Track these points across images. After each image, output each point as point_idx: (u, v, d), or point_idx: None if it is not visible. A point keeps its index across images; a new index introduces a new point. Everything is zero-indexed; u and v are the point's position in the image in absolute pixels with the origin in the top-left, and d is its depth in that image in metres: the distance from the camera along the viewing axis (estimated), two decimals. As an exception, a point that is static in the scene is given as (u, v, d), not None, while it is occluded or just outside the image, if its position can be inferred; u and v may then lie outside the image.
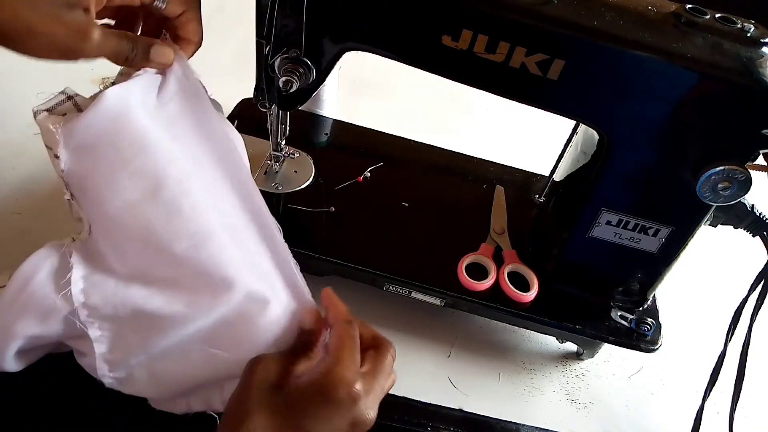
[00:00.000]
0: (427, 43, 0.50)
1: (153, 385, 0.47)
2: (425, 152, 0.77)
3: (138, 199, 0.44)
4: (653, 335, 0.60)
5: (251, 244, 0.48)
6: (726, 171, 0.48)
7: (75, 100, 0.46)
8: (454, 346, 0.65)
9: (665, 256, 0.57)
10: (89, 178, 0.44)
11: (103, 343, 0.46)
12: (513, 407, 0.61)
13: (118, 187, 0.44)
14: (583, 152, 0.60)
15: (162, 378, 0.47)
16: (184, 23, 0.47)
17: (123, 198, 0.44)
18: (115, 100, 0.43)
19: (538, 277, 0.62)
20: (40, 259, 0.46)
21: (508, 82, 0.50)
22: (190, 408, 0.49)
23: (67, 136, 0.43)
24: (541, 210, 0.71)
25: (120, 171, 0.44)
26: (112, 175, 0.44)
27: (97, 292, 0.45)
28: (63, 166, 0.44)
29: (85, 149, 0.44)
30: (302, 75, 0.53)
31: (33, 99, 0.46)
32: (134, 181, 0.44)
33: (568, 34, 0.47)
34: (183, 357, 0.46)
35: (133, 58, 0.44)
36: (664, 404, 0.65)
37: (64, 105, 0.45)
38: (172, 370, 0.46)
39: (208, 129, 0.48)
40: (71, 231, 0.47)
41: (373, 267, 0.61)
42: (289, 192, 0.67)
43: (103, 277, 0.45)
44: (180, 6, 0.46)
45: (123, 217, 0.44)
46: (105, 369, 0.46)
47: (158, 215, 0.44)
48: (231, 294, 0.44)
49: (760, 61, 0.47)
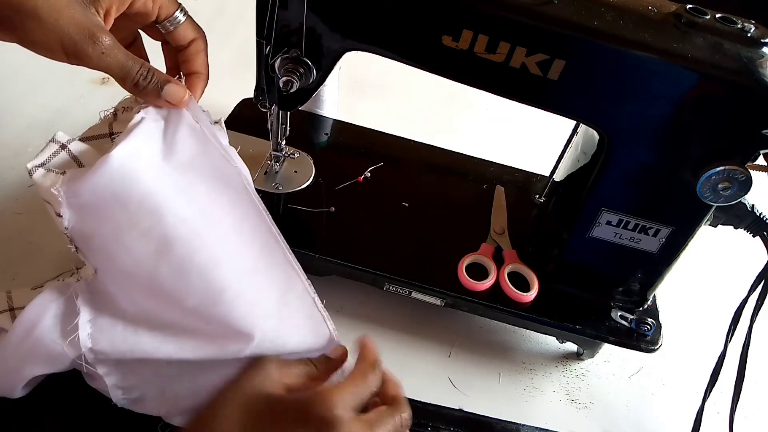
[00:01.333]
0: (427, 43, 0.50)
1: (165, 404, 0.47)
2: (425, 152, 0.77)
3: (145, 258, 0.43)
4: (653, 335, 0.60)
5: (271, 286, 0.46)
6: (726, 171, 0.48)
7: (69, 149, 0.44)
8: (455, 346, 0.65)
9: (665, 257, 0.57)
10: (95, 237, 0.43)
11: (114, 376, 0.46)
12: (513, 407, 0.61)
13: (126, 247, 0.42)
14: (584, 152, 0.60)
15: (174, 397, 0.47)
16: (194, 54, 0.46)
17: (131, 256, 0.43)
18: (121, 162, 0.41)
19: (539, 277, 0.62)
20: (45, 303, 0.45)
21: (509, 83, 0.50)
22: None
23: (69, 197, 0.41)
24: (542, 210, 0.71)
25: (128, 232, 0.42)
26: (119, 236, 0.42)
27: (104, 337, 0.44)
28: (66, 224, 0.42)
29: (90, 209, 0.42)
30: (303, 75, 0.53)
31: (33, 99, 0.46)
32: (142, 242, 0.42)
33: (568, 35, 0.47)
34: (195, 378, 0.46)
35: (144, 86, 0.42)
36: (664, 404, 0.65)
37: (58, 156, 0.43)
38: (184, 389, 0.46)
39: (221, 172, 0.46)
40: (74, 258, 0.46)
41: (373, 267, 0.61)
42: (289, 192, 0.67)
43: (111, 321, 0.45)
44: (192, 32, 0.46)
45: (131, 272, 0.43)
46: (119, 394, 0.47)
47: (167, 273, 0.43)
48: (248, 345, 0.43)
49: (761, 61, 0.47)
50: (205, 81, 0.48)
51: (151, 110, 0.44)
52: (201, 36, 0.47)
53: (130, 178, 0.41)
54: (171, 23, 0.44)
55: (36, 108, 0.80)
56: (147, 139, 0.43)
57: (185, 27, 0.45)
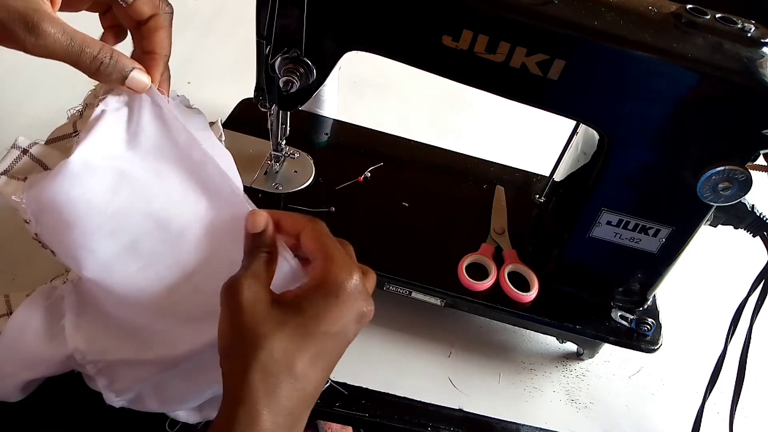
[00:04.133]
0: (427, 43, 0.50)
1: (163, 400, 0.47)
2: (425, 152, 0.77)
3: (114, 259, 0.42)
4: (653, 335, 0.60)
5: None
6: (726, 171, 0.48)
7: (31, 153, 0.43)
8: (455, 346, 0.65)
9: (665, 257, 0.57)
10: (62, 241, 0.42)
11: (104, 376, 0.46)
12: (513, 407, 0.61)
13: (93, 250, 0.42)
14: (584, 152, 0.60)
15: (171, 392, 0.47)
16: (152, 30, 0.42)
17: (100, 259, 0.42)
18: (81, 165, 0.40)
19: (539, 277, 0.62)
20: (32, 307, 0.45)
21: (509, 83, 0.50)
22: (203, 417, 0.49)
23: (31, 204, 0.41)
24: (542, 210, 0.71)
25: (94, 235, 0.41)
26: (85, 240, 0.41)
27: (90, 337, 0.44)
28: (35, 230, 0.42)
29: (53, 215, 0.41)
30: (303, 75, 0.53)
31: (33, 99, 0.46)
32: (109, 244, 0.42)
33: (568, 35, 0.47)
34: (188, 371, 0.46)
35: (108, 73, 0.39)
36: (664, 404, 0.65)
37: (21, 162, 0.42)
38: (179, 382, 0.46)
39: (187, 153, 0.44)
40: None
41: (373, 267, 0.60)
42: (289, 192, 0.66)
43: (96, 321, 0.45)
44: (150, 7, 0.42)
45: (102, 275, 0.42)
46: (112, 396, 0.46)
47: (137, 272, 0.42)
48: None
49: (761, 61, 0.47)
50: (164, 62, 0.44)
51: (110, 100, 0.42)
52: (163, 12, 0.42)
53: (90, 181, 0.41)
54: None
55: (36, 108, 0.80)
56: (109, 133, 0.42)
57: (142, 1, 0.41)
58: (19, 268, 0.61)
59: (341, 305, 0.38)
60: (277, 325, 0.37)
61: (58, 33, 0.36)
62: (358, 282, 0.39)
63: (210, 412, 0.49)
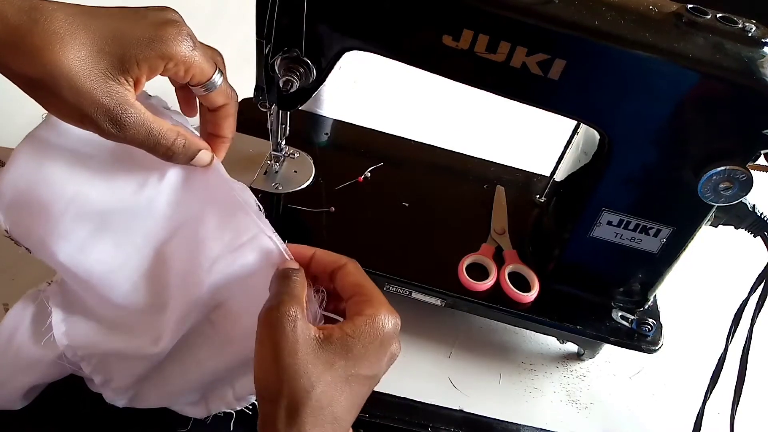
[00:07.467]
0: (427, 43, 0.49)
1: (163, 394, 0.47)
2: (425, 152, 0.77)
3: (84, 243, 0.42)
4: (654, 336, 0.60)
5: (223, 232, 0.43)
6: (727, 171, 0.48)
7: None
8: (455, 347, 0.65)
9: (666, 257, 0.57)
10: (32, 233, 0.42)
11: (100, 374, 0.46)
12: (513, 408, 0.61)
13: (63, 236, 0.41)
14: (584, 152, 0.60)
15: (170, 385, 0.47)
16: (223, 119, 0.44)
17: (71, 245, 0.42)
18: (31, 150, 0.41)
19: (539, 278, 0.62)
20: (20, 311, 0.45)
21: (509, 82, 0.50)
22: (209, 411, 0.49)
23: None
24: (542, 210, 0.71)
25: (60, 220, 0.41)
26: (53, 227, 0.41)
27: (79, 333, 0.44)
28: (5, 226, 0.41)
29: (19, 206, 0.41)
30: (302, 75, 0.53)
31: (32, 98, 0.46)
32: (77, 227, 0.41)
33: (569, 34, 0.47)
34: (182, 361, 0.46)
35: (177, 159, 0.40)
36: (665, 405, 0.65)
37: None
38: (175, 374, 0.46)
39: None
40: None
41: (373, 267, 0.60)
42: (289, 192, 0.66)
43: (84, 317, 0.45)
44: (224, 98, 0.43)
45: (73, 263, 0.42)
46: (112, 395, 0.47)
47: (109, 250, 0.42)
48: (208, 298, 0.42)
49: (762, 61, 0.47)
50: (228, 144, 0.46)
51: None
52: (232, 100, 0.45)
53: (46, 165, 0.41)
54: (205, 88, 0.42)
55: (36, 108, 0.79)
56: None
57: (218, 92, 0.43)
58: (19, 268, 0.61)
59: (382, 348, 0.38)
60: (326, 366, 0.36)
61: (138, 126, 0.38)
62: (398, 325, 0.39)
63: (217, 406, 0.49)
